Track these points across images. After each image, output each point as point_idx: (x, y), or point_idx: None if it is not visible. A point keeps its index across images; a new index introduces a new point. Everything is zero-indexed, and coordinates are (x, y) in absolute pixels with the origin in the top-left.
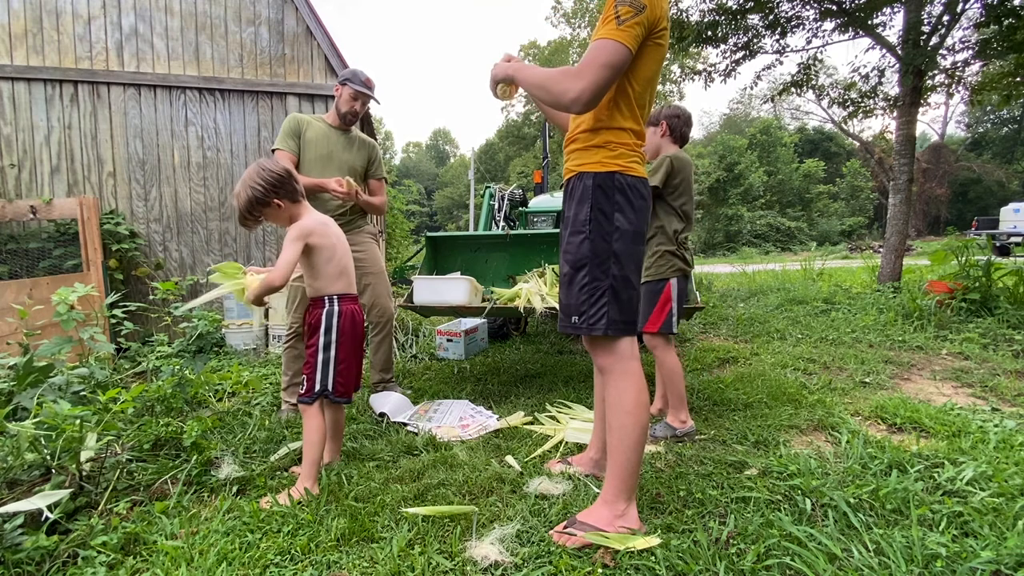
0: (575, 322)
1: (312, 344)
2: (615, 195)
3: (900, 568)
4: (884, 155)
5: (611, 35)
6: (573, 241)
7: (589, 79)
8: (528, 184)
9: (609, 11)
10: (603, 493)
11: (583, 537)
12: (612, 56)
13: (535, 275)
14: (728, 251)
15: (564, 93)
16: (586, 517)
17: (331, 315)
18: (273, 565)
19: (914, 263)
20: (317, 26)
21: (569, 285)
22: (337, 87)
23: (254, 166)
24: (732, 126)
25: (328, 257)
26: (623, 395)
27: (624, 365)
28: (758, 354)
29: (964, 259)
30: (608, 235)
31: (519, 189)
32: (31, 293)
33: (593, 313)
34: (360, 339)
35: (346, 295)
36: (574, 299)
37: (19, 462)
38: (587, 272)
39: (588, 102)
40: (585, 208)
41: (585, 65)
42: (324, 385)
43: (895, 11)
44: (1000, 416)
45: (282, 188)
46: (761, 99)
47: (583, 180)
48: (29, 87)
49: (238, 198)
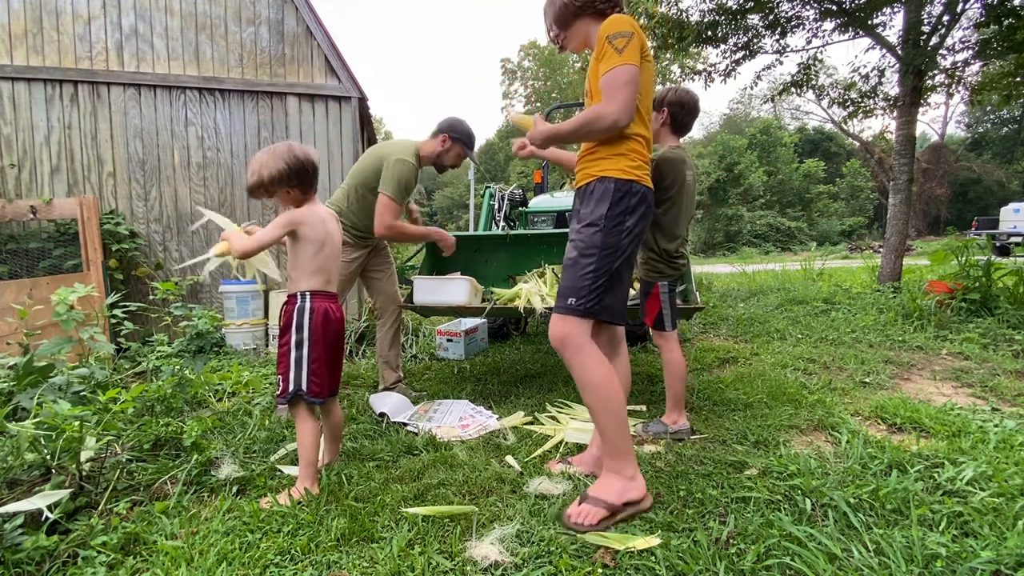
0: (571, 303)
1: (284, 343)
2: (631, 200)
3: (900, 568)
4: (884, 155)
5: (620, 61)
6: (585, 232)
7: (620, 99)
8: (528, 184)
9: (605, 48)
10: (606, 466)
11: (601, 512)
12: (628, 75)
13: (535, 275)
14: (728, 251)
15: (604, 119)
16: (597, 491)
17: (302, 312)
18: (273, 565)
19: (914, 263)
20: (317, 26)
21: (572, 268)
22: (445, 138)
23: (287, 145)
24: (732, 126)
25: (313, 252)
26: (584, 374)
27: (582, 346)
28: (758, 354)
29: (964, 259)
30: (619, 233)
31: (519, 189)
32: (31, 293)
33: (590, 297)
34: (335, 337)
35: (320, 292)
36: (576, 282)
37: (19, 462)
38: (593, 261)
39: (626, 117)
40: (604, 207)
41: (610, 90)
42: (298, 385)
43: (895, 11)
44: (1000, 416)
45: (304, 177)
46: (761, 99)
47: (604, 183)
48: (29, 87)
49: (263, 167)
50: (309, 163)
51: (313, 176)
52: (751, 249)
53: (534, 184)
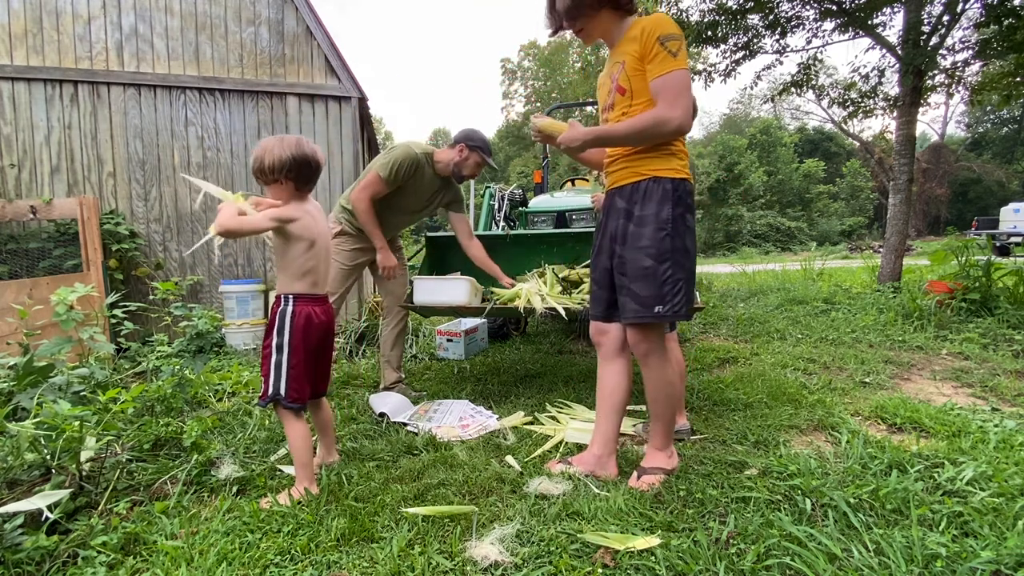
0: (659, 311)
1: (267, 345)
2: (688, 199)
3: (900, 568)
4: (884, 155)
5: (677, 65)
6: (655, 237)
7: (683, 105)
8: (528, 184)
9: (656, 49)
10: (654, 444)
11: (658, 477)
12: (686, 80)
13: (535, 275)
14: (728, 251)
15: (668, 123)
16: (650, 462)
17: (283, 315)
18: (273, 565)
19: (914, 263)
20: (317, 26)
21: (652, 277)
22: (463, 147)
23: (296, 138)
24: (732, 126)
25: (302, 251)
26: (666, 371)
27: (663, 348)
28: (758, 354)
29: (964, 259)
30: (683, 233)
31: (519, 189)
32: (31, 293)
33: (677, 302)
34: (319, 341)
35: (305, 295)
36: (659, 290)
37: (19, 462)
38: (671, 265)
39: (688, 122)
40: (667, 208)
41: (672, 95)
42: (276, 389)
43: (895, 11)
44: (1000, 416)
45: (303, 171)
46: (761, 99)
47: (660, 184)
48: (29, 87)
49: (267, 152)
50: (314, 160)
51: (313, 174)
52: (751, 249)
53: (534, 184)
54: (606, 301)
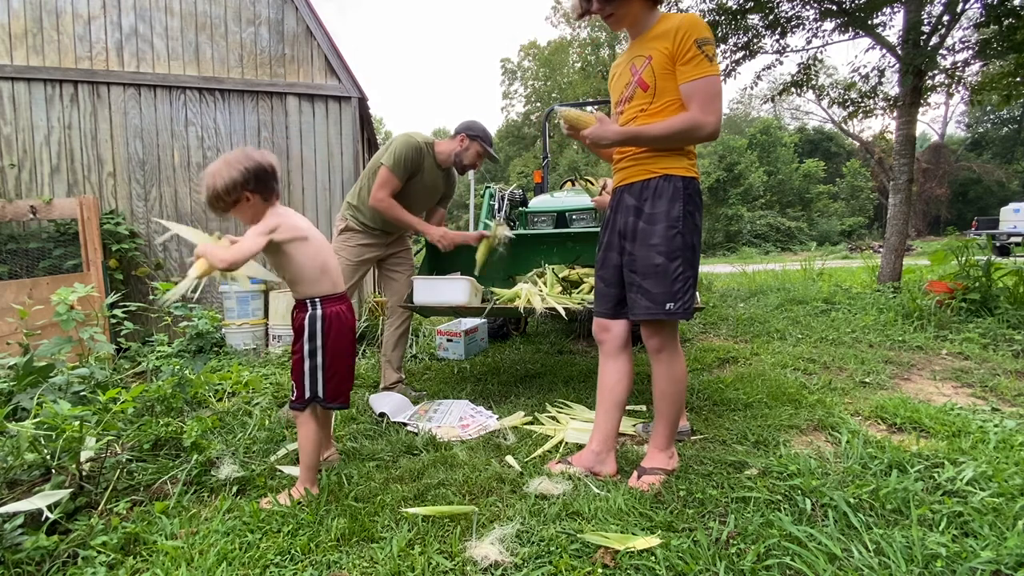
0: (670, 308)
1: (297, 350)
2: (696, 198)
3: (900, 568)
4: (884, 155)
5: (713, 71)
6: (666, 235)
7: (716, 110)
8: (528, 184)
9: (693, 52)
10: (656, 444)
11: (659, 477)
12: (720, 86)
13: (535, 275)
14: (728, 251)
15: (701, 129)
16: (651, 462)
17: (314, 320)
18: (273, 565)
19: (914, 263)
20: (317, 26)
21: (664, 275)
22: (463, 137)
23: (240, 150)
24: (732, 126)
25: (302, 250)
26: (676, 369)
27: (676, 344)
28: (758, 354)
29: (964, 259)
30: (692, 231)
31: (519, 189)
32: (31, 293)
33: (687, 299)
34: (349, 340)
35: (331, 296)
36: (669, 287)
37: (19, 462)
38: (681, 262)
39: (719, 128)
40: (677, 206)
41: (707, 100)
42: (314, 392)
43: (895, 11)
44: (1000, 416)
45: (262, 179)
46: (761, 99)
47: (672, 182)
48: (29, 87)
49: (215, 176)
50: (268, 165)
51: (271, 178)
52: (751, 249)
53: (534, 184)
54: (615, 298)
